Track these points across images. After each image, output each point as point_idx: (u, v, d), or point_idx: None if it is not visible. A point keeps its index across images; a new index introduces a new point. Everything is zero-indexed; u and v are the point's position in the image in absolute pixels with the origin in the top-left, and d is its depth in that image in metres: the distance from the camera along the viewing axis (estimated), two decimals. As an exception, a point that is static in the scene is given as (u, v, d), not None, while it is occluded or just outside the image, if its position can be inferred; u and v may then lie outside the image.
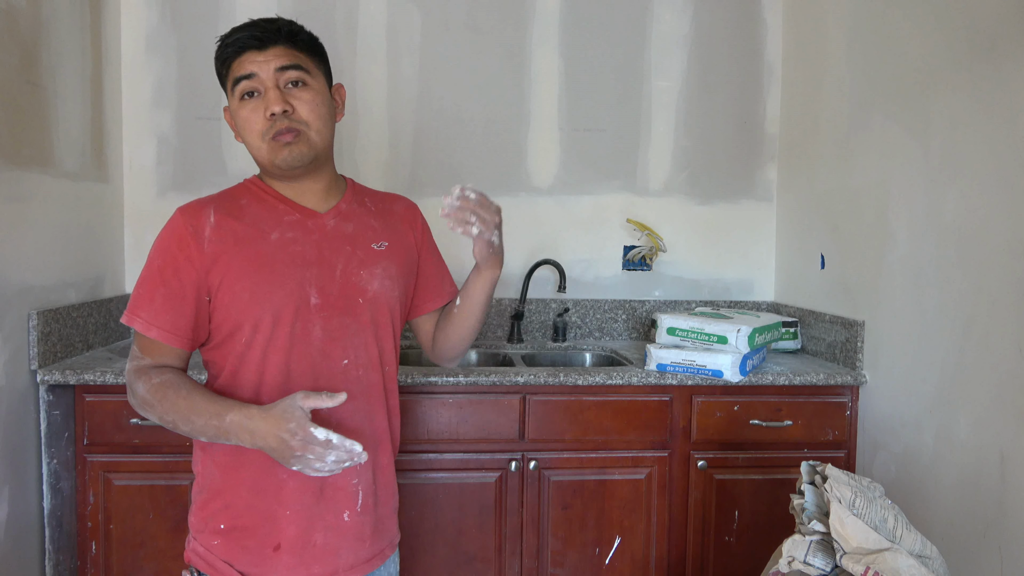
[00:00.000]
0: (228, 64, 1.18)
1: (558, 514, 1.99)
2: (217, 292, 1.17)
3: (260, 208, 1.23)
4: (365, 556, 1.26)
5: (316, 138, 1.20)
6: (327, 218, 1.25)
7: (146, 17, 2.39)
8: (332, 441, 1.03)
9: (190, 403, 1.11)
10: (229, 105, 1.23)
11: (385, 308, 1.27)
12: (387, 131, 2.49)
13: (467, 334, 1.38)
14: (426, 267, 1.40)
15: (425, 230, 1.42)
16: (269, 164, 1.20)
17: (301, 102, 1.18)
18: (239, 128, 1.21)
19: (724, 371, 1.93)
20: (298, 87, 1.18)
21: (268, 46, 1.16)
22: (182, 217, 1.18)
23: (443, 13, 2.48)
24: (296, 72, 1.18)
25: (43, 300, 1.92)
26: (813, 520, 1.36)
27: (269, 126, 1.17)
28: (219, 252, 1.17)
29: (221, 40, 1.20)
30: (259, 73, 1.16)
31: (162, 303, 1.16)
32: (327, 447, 1.03)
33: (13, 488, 1.78)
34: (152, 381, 1.14)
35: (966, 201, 1.66)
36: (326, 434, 1.03)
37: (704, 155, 2.59)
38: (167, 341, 1.16)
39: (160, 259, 1.17)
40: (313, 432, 1.02)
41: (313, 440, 1.03)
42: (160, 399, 1.13)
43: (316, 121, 1.20)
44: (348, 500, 1.22)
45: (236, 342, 1.18)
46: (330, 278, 1.21)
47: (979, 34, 1.61)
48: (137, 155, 2.42)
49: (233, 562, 1.19)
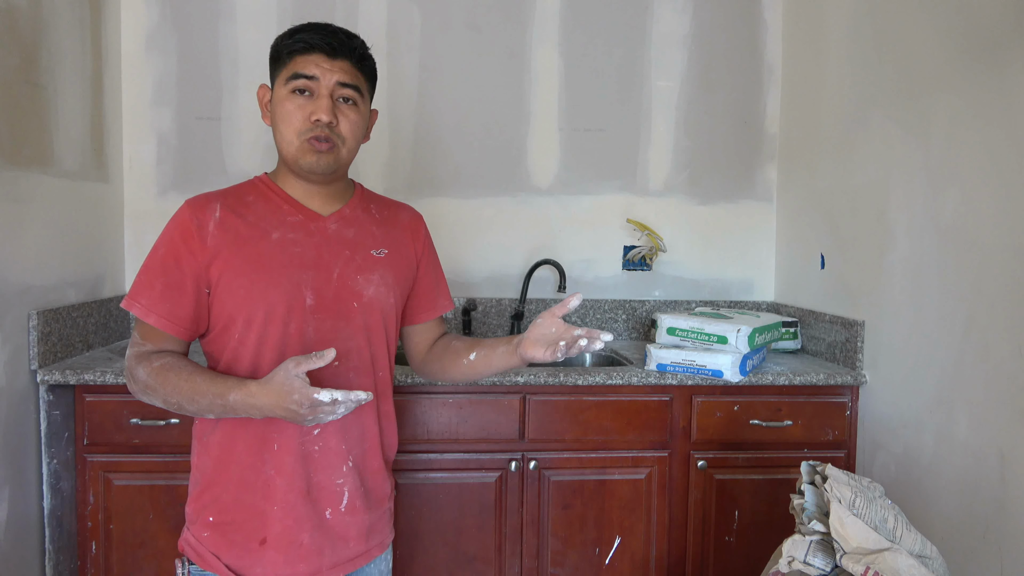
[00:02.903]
0: (293, 56, 1.21)
1: (558, 514, 1.99)
2: (216, 286, 1.20)
3: (265, 207, 1.25)
4: (349, 555, 1.28)
5: (346, 155, 1.25)
6: (329, 222, 1.28)
7: (146, 16, 2.39)
8: (338, 399, 1.07)
9: (192, 384, 1.13)
10: (273, 88, 1.25)
11: (379, 313, 1.28)
12: (387, 130, 2.48)
13: (463, 379, 1.40)
14: (423, 279, 1.41)
15: (427, 242, 1.43)
16: (293, 161, 1.23)
17: (346, 119, 1.23)
18: (276, 116, 1.23)
19: (724, 371, 1.93)
20: (348, 104, 1.23)
21: (338, 58, 1.21)
22: (189, 210, 1.21)
23: (443, 12, 2.48)
24: (353, 92, 1.23)
25: (43, 300, 1.92)
26: (813, 520, 1.37)
27: (309, 128, 1.20)
28: (220, 247, 1.19)
29: (294, 30, 1.22)
30: (321, 79, 1.20)
31: (161, 291, 1.19)
32: (335, 405, 1.07)
33: (13, 488, 1.78)
34: (153, 365, 1.17)
35: (966, 201, 1.66)
36: (330, 395, 1.06)
37: (704, 155, 2.59)
38: (165, 328, 1.19)
39: (164, 248, 1.20)
40: (317, 397, 1.06)
41: (319, 404, 1.06)
42: (162, 382, 1.15)
43: (351, 140, 1.25)
44: (333, 499, 1.25)
45: (230, 336, 1.21)
46: (326, 281, 1.23)
47: (979, 34, 1.61)
48: (137, 155, 2.41)
49: (220, 555, 1.22)
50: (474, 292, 2.54)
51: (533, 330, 1.24)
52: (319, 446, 1.23)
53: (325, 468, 1.23)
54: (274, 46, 1.25)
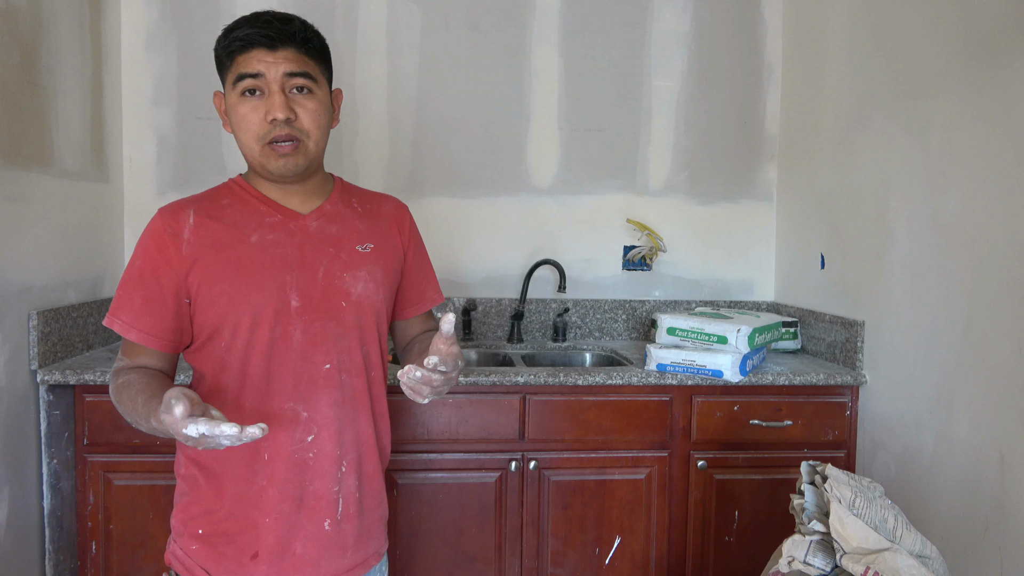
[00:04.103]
0: (233, 57, 1.14)
1: (558, 514, 1.99)
2: (196, 295, 1.16)
3: (242, 209, 1.20)
4: (347, 565, 1.23)
5: (314, 148, 1.18)
6: (310, 219, 1.23)
7: (146, 16, 2.39)
8: (204, 433, 0.92)
9: (134, 405, 1.08)
10: (225, 94, 1.18)
11: (370, 311, 1.24)
12: (387, 129, 2.48)
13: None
14: (410, 272, 1.37)
15: (413, 232, 1.38)
16: (260, 168, 1.18)
17: (305, 110, 1.15)
18: (234, 123, 1.17)
19: (724, 371, 1.93)
20: (303, 94, 1.16)
21: (279, 47, 1.13)
22: (161, 220, 1.17)
23: (443, 11, 2.48)
24: (304, 79, 1.15)
25: (43, 300, 1.92)
26: (813, 520, 1.37)
27: (268, 130, 1.14)
28: (198, 255, 1.15)
29: (229, 28, 1.15)
30: (266, 74, 1.13)
31: (141, 305, 1.15)
32: (202, 440, 0.93)
33: (13, 488, 1.78)
34: (117, 382, 1.14)
35: (966, 201, 1.66)
36: (196, 430, 0.92)
37: (704, 155, 2.59)
38: (147, 343, 1.16)
39: (140, 261, 1.16)
40: (185, 432, 0.92)
41: (191, 439, 0.93)
42: (119, 400, 1.12)
43: (316, 131, 1.18)
44: (328, 509, 1.20)
45: (216, 346, 1.17)
46: (312, 281, 1.19)
47: (979, 34, 1.61)
48: (137, 154, 2.41)
49: (210, 569, 1.17)
50: (474, 292, 2.54)
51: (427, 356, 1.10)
52: (313, 453, 1.18)
53: (320, 475, 1.19)
54: (215, 50, 1.17)
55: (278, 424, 1.17)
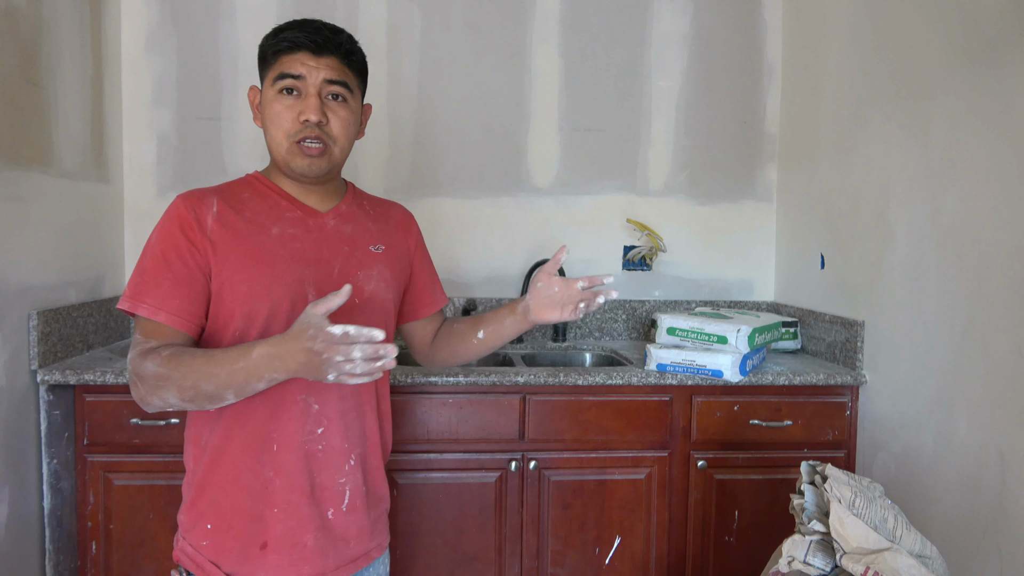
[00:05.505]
0: (278, 56, 1.19)
1: (558, 514, 1.99)
2: (214, 282, 1.16)
3: (262, 203, 1.24)
4: (350, 556, 1.26)
5: (339, 155, 1.24)
6: (327, 218, 1.27)
7: (146, 16, 2.39)
8: (349, 332, 0.98)
9: (208, 357, 1.06)
10: (262, 89, 1.23)
11: (380, 310, 1.28)
12: (387, 129, 2.49)
13: (476, 357, 1.43)
14: (419, 274, 1.43)
15: (419, 239, 1.44)
16: (284, 164, 1.22)
17: (337, 117, 1.21)
18: (266, 117, 1.22)
19: (724, 371, 1.93)
20: (337, 101, 1.21)
21: (324, 54, 1.19)
22: (184, 203, 1.18)
23: (443, 12, 2.48)
24: (341, 88, 1.21)
25: (43, 300, 1.92)
26: (813, 520, 1.37)
27: (299, 129, 1.19)
28: (219, 241, 1.16)
29: (279, 28, 1.21)
30: (307, 77, 1.18)
31: (170, 287, 1.14)
32: (346, 340, 0.98)
33: (13, 488, 1.78)
34: (163, 354, 1.08)
35: (965, 202, 1.66)
36: (341, 328, 0.98)
37: (704, 155, 2.59)
38: (176, 325, 1.14)
39: (163, 244, 1.15)
40: (329, 330, 0.98)
41: (333, 338, 0.98)
42: (175, 366, 1.06)
43: (343, 139, 1.23)
44: (335, 500, 1.22)
45: (225, 334, 1.17)
46: (327, 277, 1.22)
47: (978, 35, 1.61)
48: (137, 154, 2.41)
49: (220, 563, 1.18)
50: (474, 292, 2.54)
51: (536, 295, 1.31)
52: (322, 445, 1.21)
53: (328, 467, 1.22)
54: (260, 46, 1.23)
55: (289, 415, 1.19)
